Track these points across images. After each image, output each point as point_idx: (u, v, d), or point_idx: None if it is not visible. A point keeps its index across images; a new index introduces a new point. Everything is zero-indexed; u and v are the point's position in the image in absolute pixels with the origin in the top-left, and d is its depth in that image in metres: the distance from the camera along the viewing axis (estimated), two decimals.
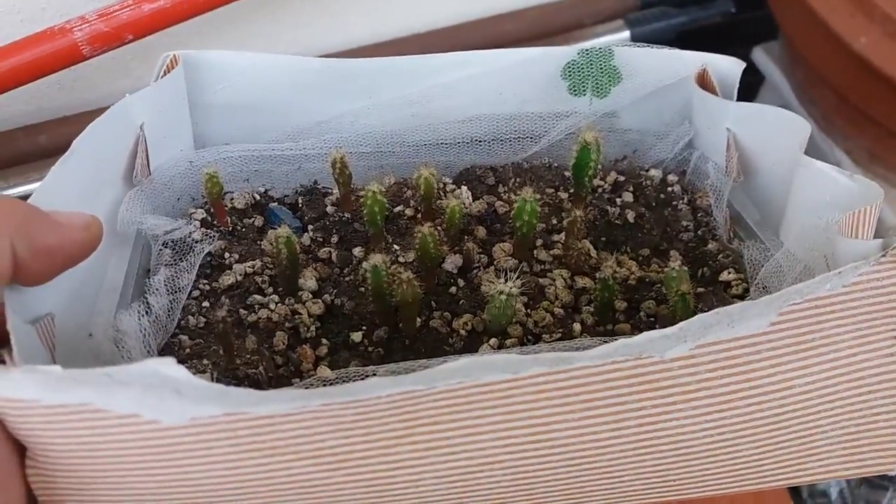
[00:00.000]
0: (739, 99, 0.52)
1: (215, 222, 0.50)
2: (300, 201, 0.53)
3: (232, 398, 0.31)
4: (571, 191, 0.53)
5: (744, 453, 0.37)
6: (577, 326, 0.44)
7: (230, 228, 0.50)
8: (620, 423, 0.35)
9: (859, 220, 0.39)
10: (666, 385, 0.35)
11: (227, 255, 0.48)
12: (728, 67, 0.54)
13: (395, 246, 0.50)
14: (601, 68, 0.54)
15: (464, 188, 0.54)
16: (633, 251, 0.52)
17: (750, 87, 0.53)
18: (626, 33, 0.82)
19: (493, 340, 0.43)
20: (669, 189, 0.55)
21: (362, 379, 0.37)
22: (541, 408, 0.34)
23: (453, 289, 0.47)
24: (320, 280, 0.48)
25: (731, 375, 0.35)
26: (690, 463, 0.37)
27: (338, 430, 0.33)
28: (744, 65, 0.53)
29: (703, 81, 0.54)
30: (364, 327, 0.45)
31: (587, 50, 0.54)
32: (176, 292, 0.45)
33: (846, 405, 0.37)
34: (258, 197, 0.53)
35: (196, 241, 0.48)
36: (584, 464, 0.36)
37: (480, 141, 0.56)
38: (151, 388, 0.31)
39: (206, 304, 0.46)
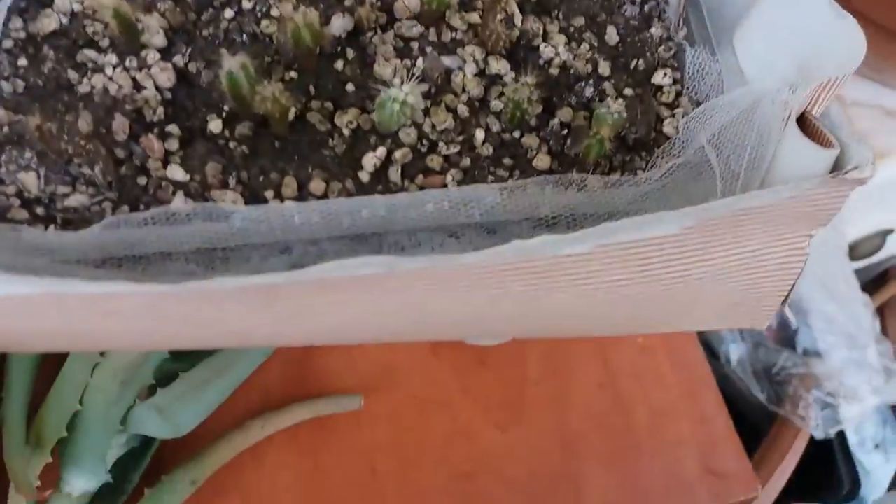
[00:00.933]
0: None
1: None
2: None
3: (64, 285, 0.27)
4: None
5: (624, 318, 0.38)
6: (479, 134, 0.40)
7: None
8: (497, 300, 0.34)
9: (821, 93, 0.34)
10: (553, 274, 0.33)
11: None
12: None
13: None
14: None
15: None
16: (566, 19, 0.44)
17: None
18: None
19: (380, 150, 0.38)
20: None
21: (220, 218, 0.34)
22: (415, 287, 0.32)
23: (339, 63, 0.40)
24: (170, 31, 0.39)
25: (624, 268, 0.33)
26: (562, 324, 0.37)
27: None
28: None
29: None
30: (225, 111, 0.38)
31: None
32: None
33: (737, 285, 0.37)
34: None
35: None
36: (457, 324, 0.36)
37: None
38: None
39: (23, 60, 0.37)
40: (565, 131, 0.41)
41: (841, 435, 0.81)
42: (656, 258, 0.33)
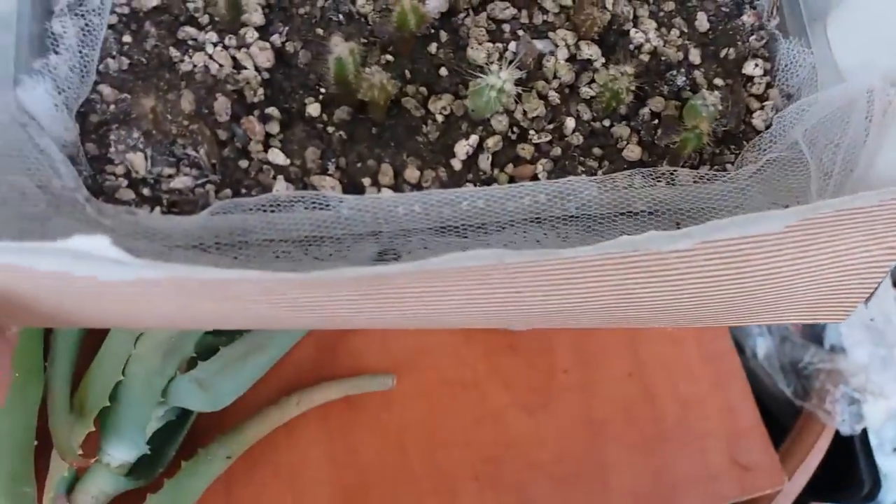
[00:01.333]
0: None
1: None
2: None
3: (191, 270, 0.29)
4: None
5: (711, 311, 0.39)
6: (570, 123, 0.41)
7: None
8: (594, 291, 0.36)
9: None
10: (656, 270, 0.34)
11: None
12: None
13: None
14: None
15: None
16: (656, 3, 0.45)
17: None
18: None
19: (472, 138, 0.40)
20: None
21: (320, 206, 0.36)
22: (516, 279, 0.34)
23: (433, 46, 0.42)
24: (267, 9, 0.41)
25: (723, 264, 0.35)
26: (646, 315, 0.39)
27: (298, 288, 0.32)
28: None
29: None
30: (323, 93, 0.40)
31: None
32: (89, 14, 0.38)
33: (827, 282, 0.38)
34: None
35: None
36: (547, 312, 0.38)
37: None
38: (83, 259, 0.29)
39: (127, 37, 0.39)
40: (656, 121, 0.42)
41: (864, 434, 0.82)
42: (755, 255, 0.35)
